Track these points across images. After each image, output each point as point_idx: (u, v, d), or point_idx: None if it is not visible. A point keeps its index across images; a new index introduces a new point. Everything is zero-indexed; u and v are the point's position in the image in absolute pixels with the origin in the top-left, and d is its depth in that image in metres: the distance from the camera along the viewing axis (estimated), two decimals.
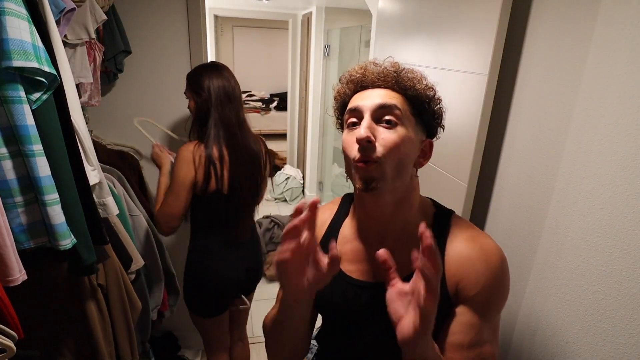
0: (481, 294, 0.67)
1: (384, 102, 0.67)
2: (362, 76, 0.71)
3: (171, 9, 1.71)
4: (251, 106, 6.82)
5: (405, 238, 0.73)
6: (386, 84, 0.70)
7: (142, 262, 1.30)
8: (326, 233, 0.82)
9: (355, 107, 0.69)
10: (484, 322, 0.68)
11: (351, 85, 0.73)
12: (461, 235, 0.71)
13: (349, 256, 0.77)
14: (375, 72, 0.71)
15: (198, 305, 1.43)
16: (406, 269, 0.69)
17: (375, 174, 0.65)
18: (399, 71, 0.70)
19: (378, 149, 0.65)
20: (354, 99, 0.71)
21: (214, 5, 4.07)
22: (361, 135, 0.64)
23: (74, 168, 0.82)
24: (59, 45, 0.84)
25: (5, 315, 0.66)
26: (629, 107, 0.77)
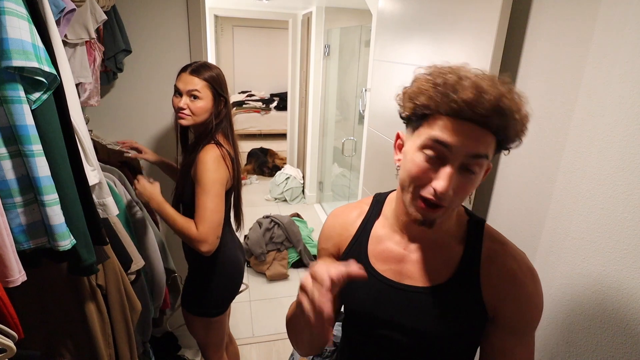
0: (519, 317, 0.67)
1: (479, 153, 0.58)
2: (475, 106, 0.55)
3: (171, 9, 1.71)
4: (251, 106, 6.82)
5: (440, 245, 0.71)
6: (492, 128, 0.58)
7: (143, 262, 1.29)
8: (357, 234, 0.80)
9: (448, 143, 0.58)
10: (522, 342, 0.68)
11: (448, 108, 0.57)
12: (502, 249, 0.69)
13: (382, 255, 0.76)
14: (489, 108, 0.55)
15: (212, 304, 1.42)
16: (438, 276, 0.69)
17: (438, 215, 0.63)
18: (516, 120, 0.58)
19: (450, 196, 0.59)
20: (445, 128, 0.58)
21: (214, 5, 4.07)
22: (443, 190, 0.58)
23: (74, 168, 0.82)
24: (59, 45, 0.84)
25: (5, 315, 0.66)
26: (628, 107, 0.77)
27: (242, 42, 7.31)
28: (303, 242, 2.94)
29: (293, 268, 2.93)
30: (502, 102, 0.56)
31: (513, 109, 0.57)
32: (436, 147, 0.59)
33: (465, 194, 0.62)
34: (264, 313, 2.49)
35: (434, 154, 0.60)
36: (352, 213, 0.83)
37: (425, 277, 0.71)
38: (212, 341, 1.50)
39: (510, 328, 0.67)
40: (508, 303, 0.66)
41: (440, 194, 0.59)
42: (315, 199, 4.17)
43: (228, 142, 1.33)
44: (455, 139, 0.58)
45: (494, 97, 0.56)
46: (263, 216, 3.04)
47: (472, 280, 0.68)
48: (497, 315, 0.68)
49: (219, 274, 1.39)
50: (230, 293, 1.46)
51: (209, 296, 1.39)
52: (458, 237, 0.71)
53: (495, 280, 0.67)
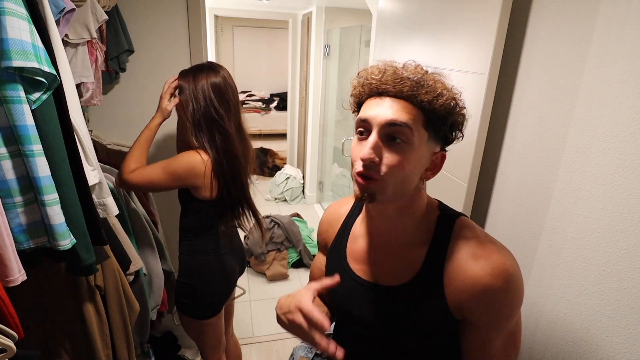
0: (490, 316, 0.66)
1: (394, 119, 0.62)
2: (379, 82, 0.65)
3: (171, 9, 1.71)
4: (251, 106, 6.82)
5: (406, 244, 0.72)
6: (402, 94, 0.64)
7: (141, 263, 1.29)
8: (340, 230, 0.83)
9: (365, 118, 0.65)
10: (500, 334, 0.67)
11: (366, 88, 0.68)
12: (465, 248, 0.67)
13: (355, 254, 0.78)
14: (392, 79, 0.64)
15: (202, 307, 1.41)
16: (403, 275, 0.70)
17: (374, 190, 0.64)
18: (419, 81, 0.63)
19: (381, 168, 0.63)
20: (367, 106, 0.67)
21: (214, 5, 4.07)
22: (364, 156, 0.62)
23: (74, 168, 0.82)
24: (59, 45, 0.84)
25: (5, 315, 0.66)
26: (629, 107, 0.77)
27: (242, 42, 7.30)
28: (303, 242, 2.94)
29: (293, 268, 2.93)
30: (403, 69, 0.65)
31: (416, 73, 0.64)
32: (361, 125, 0.67)
33: (400, 168, 0.63)
34: (264, 313, 2.49)
35: (363, 132, 0.66)
36: (342, 208, 0.87)
37: (393, 276, 0.72)
38: (208, 343, 1.49)
39: (482, 324, 0.67)
40: (474, 304, 0.65)
41: (363, 159, 0.62)
42: (315, 199, 4.17)
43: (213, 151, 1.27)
44: (371, 111, 0.65)
45: (397, 68, 0.66)
46: (263, 216, 3.04)
47: (435, 282, 0.67)
48: (467, 315, 0.67)
49: (206, 277, 1.38)
50: (220, 297, 1.43)
51: (197, 299, 1.39)
52: (424, 236, 0.71)
53: (459, 282, 0.65)
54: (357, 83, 0.70)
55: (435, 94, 0.63)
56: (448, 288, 0.66)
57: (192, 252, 1.37)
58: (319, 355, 1.07)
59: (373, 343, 0.76)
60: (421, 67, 0.67)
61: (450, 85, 0.66)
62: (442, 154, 0.70)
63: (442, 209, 0.74)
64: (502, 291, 0.63)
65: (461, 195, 1.18)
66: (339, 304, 0.80)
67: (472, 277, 0.64)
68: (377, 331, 0.74)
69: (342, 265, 0.79)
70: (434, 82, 0.64)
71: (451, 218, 0.72)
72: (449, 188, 1.22)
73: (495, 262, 0.64)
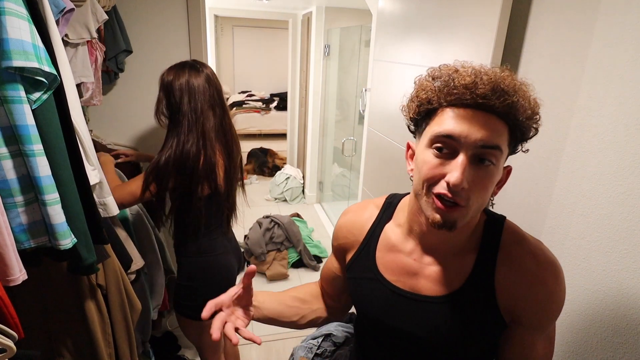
0: (541, 316, 0.65)
1: (489, 142, 0.55)
2: (473, 93, 0.55)
3: (171, 9, 1.71)
4: (251, 106, 6.82)
5: (453, 252, 0.69)
6: (498, 111, 0.56)
7: (142, 262, 1.29)
8: (366, 238, 0.78)
9: (452, 134, 0.56)
10: (542, 336, 0.67)
11: (450, 96, 0.57)
12: (520, 248, 0.65)
13: (392, 265, 0.73)
14: (491, 90, 0.55)
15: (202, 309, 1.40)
16: (450, 284, 0.67)
17: (456, 217, 0.59)
18: (518, 97, 0.56)
19: (465, 189, 0.56)
20: (449, 118, 0.57)
21: (214, 5, 4.07)
22: (456, 182, 0.55)
23: (74, 167, 0.82)
24: (59, 45, 0.84)
25: (5, 315, 0.66)
26: (629, 107, 0.77)
27: (242, 42, 7.31)
28: (303, 242, 2.95)
29: (293, 268, 2.93)
30: (501, 81, 0.56)
31: (515, 88, 0.56)
32: (443, 141, 0.57)
33: (485, 191, 0.58)
34: None
35: (442, 148, 0.58)
36: (364, 214, 0.80)
37: (437, 286, 0.68)
38: (207, 344, 1.48)
39: (531, 326, 0.66)
40: (528, 304, 0.64)
41: (454, 185, 0.55)
42: (315, 199, 4.17)
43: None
44: (461, 127, 0.56)
45: (493, 78, 0.56)
46: (263, 216, 3.04)
47: (486, 287, 0.65)
48: (517, 316, 0.65)
49: (204, 278, 1.37)
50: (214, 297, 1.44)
51: (195, 299, 1.37)
52: (472, 243, 0.68)
53: (512, 284, 0.64)
54: (431, 85, 0.60)
55: (532, 113, 0.58)
56: (500, 291, 0.64)
57: (190, 254, 1.36)
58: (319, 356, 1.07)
59: (407, 354, 0.73)
60: (513, 77, 0.58)
61: (534, 96, 0.60)
62: (508, 168, 0.65)
63: (487, 212, 0.71)
64: (554, 289, 0.64)
65: None
66: (372, 315, 0.75)
67: (529, 275, 0.63)
68: (417, 342, 0.70)
69: (374, 277, 0.74)
70: (530, 99, 0.58)
71: (499, 221, 0.69)
72: None
73: (549, 261, 0.64)
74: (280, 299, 0.82)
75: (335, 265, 0.87)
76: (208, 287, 1.38)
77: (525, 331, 0.66)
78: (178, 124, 1.24)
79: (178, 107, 1.24)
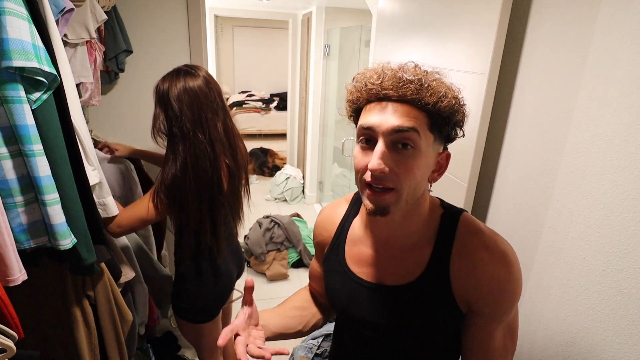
0: (495, 306, 0.67)
1: (400, 125, 0.60)
2: (380, 87, 0.62)
3: (171, 9, 1.71)
4: (251, 106, 6.82)
5: (409, 245, 0.72)
6: (405, 98, 0.61)
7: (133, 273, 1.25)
8: (337, 233, 0.82)
9: (369, 125, 0.62)
10: (500, 326, 0.69)
11: (364, 93, 0.65)
12: (473, 240, 0.68)
13: (356, 258, 0.77)
14: (394, 83, 0.61)
15: (199, 311, 1.40)
16: (408, 275, 0.70)
17: (387, 202, 0.62)
18: (422, 84, 0.61)
19: (392, 177, 0.61)
20: (368, 113, 0.64)
21: (214, 5, 4.07)
22: (374, 167, 0.60)
23: (74, 168, 0.82)
24: (59, 45, 0.84)
25: (5, 315, 0.66)
26: (629, 107, 0.77)
27: (242, 42, 7.30)
28: (303, 242, 2.94)
29: (293, 268, 2.93)
30: (404, 73, 0.62)
31: (417, 75, 0.61)
32: (364, 133, 0.63)
33: (410, 173, 0.61)
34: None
35: (365, 139, 0.63)
36: (336, 211, 0.85)
37: (397, 276, 0.72)
38: (206, 346, 1.47)
39: (487, 315, 0.68)
40: (482, 294, 0.66)
41: (371, 170, 0.60)
42: (315, 199, 4.17)
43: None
44: (374, 119, 0.62)
45: (395, 71, 0.62)
46: (263, 216, 3.04)
47: (442, 278, 0.68)
48: (472, 307, 0.68)
49: (202, 281, 1.36)
50: (216, 302, 1.42)
51: (193, 303, 1.37)
52: (428, 235, 0.71)
53: (465, 275, 0.67)
54: (353, 88, 0.67)
55: (439, 95, 0.61)
56: (456, 281, 0.67)
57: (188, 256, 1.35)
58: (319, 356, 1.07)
59: (377, 344, 0.76)
60: (420, 68, 0.64)
61: (450, 83, 0.65)
62: (446, 153, 0.69)
63: (445, 206, 0.74)
64: (507, 280, 0.65)
65: (461, 195, 1.18)
66: (341, 307, 0.79)
67: (481, 266, 0.66)
68: (382, 331, 0.73)
69: (342, 269, 0.78)
70: (436, 83, 0.62)
71: (455, 215, 0.72)
72: (449, 188, 1.22)
73: (501, 252, 0.66)
74: (281, 313, 0.84)
75: (317, 264, 0.91)
76: (205, 291, 1.37)
77: (482, 321, 0.69)
78: (186, 139, 1.14)
79: (179, 117, 1.13)
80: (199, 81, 1.16)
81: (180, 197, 1.16)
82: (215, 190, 1.21)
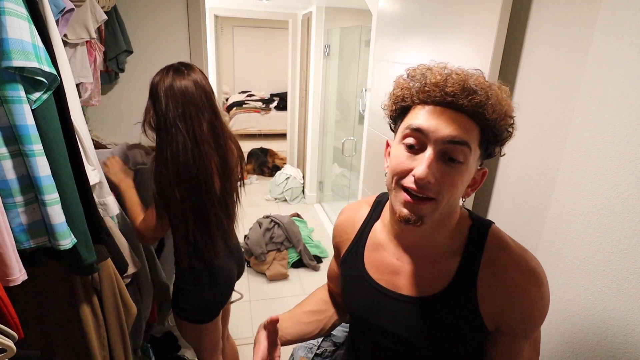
0: (525, 325, 0.65)
1: (457, 136, 0.57)
2: (443, 91, 0.57)
3: (171, 9, 1.71)
4: (251, 106, 6.82)
5: (435, 255, 0.69)
6: (467, 109, 0.57)
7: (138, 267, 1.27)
8: (356, 236, 0.79)
9: (421, 128, 0.58)
10: (527, 342, 0.68)
11: (421, 94, 0.60)
12: (503, 256, 0.65)
13: (377, 264, 0.74)
14: (460, 90, 0.57)
15: (199, 312, 1.40)
16: (433, 287, 0.68)
17: (424, 212, 0.59)
18: (488, 98, 0.57)
19: (435, 188, 0.58)
20: (421, 114, 0.59)
21: (214, 5, 4.07)
22: (421, 175, 0.56)
23: (74, 168, 0.82)
24: (59, 45, 0.85)
25: (5, 315, 0.66)
26: (629, 107, 0.77)
27: (242, 42, 7.31)
28: (303, 242, 2.95)
29: (293, 268, 2.93)
30: (470, 80, 0.58)
31: (483, 87, 0.58)
32: (413, 135, 0.59)
33: (453, 187, 0.59)
34: (264, 313, 2.49)
35: (412, 143, 0.60)
36: (358, 213, 0.82)
37: (420, 287, 0.69)
38: (206, 346, 1.47)
39: (516, 334, 0.66)
40: (512, 314, 0.64)
41: (419, 179, 0.57)
42: (315, 199, 4.17)
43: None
44: (429, 123, 0.58)
45: (462, 78, 0.58)
46: (263, 216, 3.04)
47: (468, 293, 0.65)
48: (501, 324, 0.66)
49: (201, 281, 1.36)
50: (216, 302, 1.41)
51: (193, 303, 1.36)
52: (456, 247, 0.68)
53: (494, 292, 0.64)
54: (406, 84, 0.62)
55: (500, 113, 0.58)
56: (483, 297, 0.64)
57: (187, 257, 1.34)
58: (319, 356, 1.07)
59: (394, 354, 0.73)
60: (484, 77, 0.60)
61: (510, 100, 0.61)
62: (483, 170, 0.66)
63: (474, 218, 0.71)
64: (538, 298, 0.63)
65: None
66: (358, 313, 0.76)
67: (512, 287, 0.63)
68: (401, 342, 0.71)
69: (360, 274, 0.76)
70: (501, 100, 0.59)
71: (484, 227, 0.69)
72: None
73: (531, 270, 0.63)
74: (298, 319, 0.83)
75: (336, 265, 0.89)
76: (203, 291, 1.37)
77: (511, 339, 0.67)
78: (168, 133, 1.17)
79: (165, 114, 1.16)
80: (185, 80, 1.18)
81: (164, 192, 1.19)
82: (202, 189, 1.22)
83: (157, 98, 1.17)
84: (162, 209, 1.22)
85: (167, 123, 1.17)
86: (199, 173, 1.19)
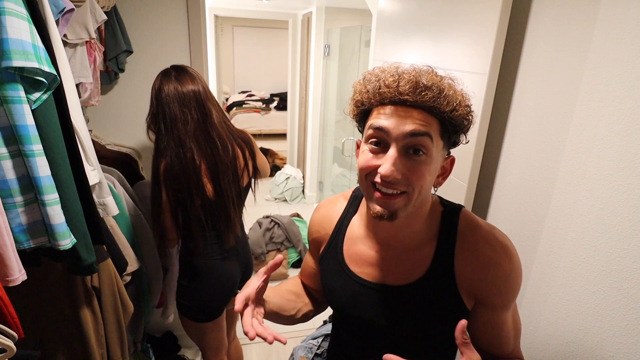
0: (502, 296, 0.68)
1: (416, 130, 0.59)
2: (396, 91, 0.60)
3: (171, 9, 1.71)
4: (251, 106, 6.82)
5: (412, 244, 0.71)
6: (422, 105, 0.60)
7: (138, 264, 1.29)
8: (334, 231, 0.81)
9: (382, 127, 0.61)
10: (508, 312, 0.71)
11: (378, 96, 0.63)
12: (475, 235, 0.69)
13: (355, 257, 0.76)
14: (412, 88, 0.60)
15: (201, 310, 1.40)
16: (412, 274, 0.70)
17: (398, 205, 0.62)
18: (440, 92, 0.60)
19: (404, 182, 0.60)
20: (381, 114, 0.62)
21: (214, 5, 4.07)
22: (386, 172, 0.59)
23: (74, 168, 0.82)
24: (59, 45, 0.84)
25: (5, 315, 0.66)
26: (628, 107, 0.77)
27: (242, 42, 7.31)
28: (303, 242, 2.95)
29: (293, 268, 2.93)
30: (422, 78, 0.60)
31: (435, 82, 0.60)
32: (376, 134, 0.62)
33: (422, 178, 0.61)
34: None
35: (376, 142, 0.62)
36: (334, 208, 0.84)
37: (399, 276, 0.71)
38: (209, 345, 1.48)
39: (495, 306, 0.69)
40: (488, 287, 0.67)
41: (384, 176, 0.59)
42: (315, 199, 4.16)
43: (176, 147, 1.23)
44: (389, 121, 0.61)
45: (413, 75, 0.61)
46: (263, 216, 3.04)
47: (447, 275, 0.68)
48: (479, 299, 0.69)
49: (201, 280, 1.36)
50: (213, 302, 1.41)
51: (196, 301, 1.38)
52: (431, 233, 0.71)
53: (470, 270, 0.67)
54: (363, 88, 0.65)
55: (455, 104, 0.61)
56: (460, 277, 0.68)
57: (191, 254, 1.35)
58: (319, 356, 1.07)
59: (377, 342, 0.75)
60: (436, 73, 0.63)
61: (462, 90, 0.64)
62: (451, 158, 0.69)
63: (445, 204, 0.74)
64: (511, 269, 0.67)
65: (461, 195, 1.18)
66: (341, 307, 0.78)
67: (484, 260, 0.67)
68: (384, 331, 0.73)
69: (341, 269, 0.77)
70: (453, 91, 0.62)
71: (455, 211, 0.72)
72: (449, 188, 1.22)
73: (502, 245, 0.67)
74: (280, 293, 0.85)
75: (312, 260, 0.90)
76: (204, 291, 1.37)
77: (491, 311, 0.69)
78: (159, 134, 1.26)
79: (155, 116, 1.27)
80: (170, 83, 1.24)
81: (154, 191, 1.26)
82: (191, 189, 1.24)
83: (151, 101, 1.28)
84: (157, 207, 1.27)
85: (158, 125, 1.26)
86: (182, 174, 1.23)
